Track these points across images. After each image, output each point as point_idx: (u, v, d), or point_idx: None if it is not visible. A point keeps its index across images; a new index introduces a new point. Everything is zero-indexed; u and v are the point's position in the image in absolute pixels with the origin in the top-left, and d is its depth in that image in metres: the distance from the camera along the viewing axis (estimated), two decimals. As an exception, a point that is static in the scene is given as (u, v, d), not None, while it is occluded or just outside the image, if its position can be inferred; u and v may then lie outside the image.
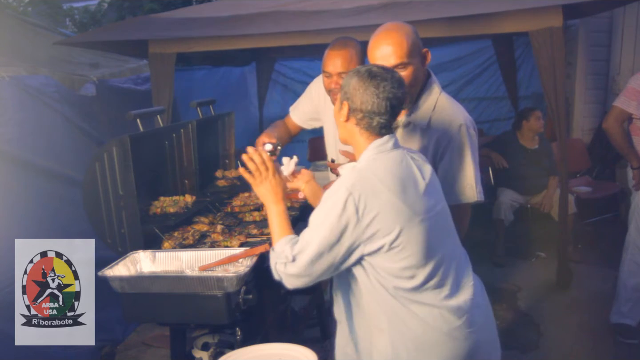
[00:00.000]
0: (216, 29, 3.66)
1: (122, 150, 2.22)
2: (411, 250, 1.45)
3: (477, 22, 3.39)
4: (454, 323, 1.51)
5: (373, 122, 1.49)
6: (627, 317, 3.20)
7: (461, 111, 1.79)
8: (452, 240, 1.59)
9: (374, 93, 1.46)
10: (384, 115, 1.47)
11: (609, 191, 4.96)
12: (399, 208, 1.43)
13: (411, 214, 1.44)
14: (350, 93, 1.49)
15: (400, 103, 1.50)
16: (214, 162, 3.34)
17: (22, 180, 2.94)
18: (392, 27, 1.74)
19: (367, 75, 1.48)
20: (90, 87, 3.82)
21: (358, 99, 1.47)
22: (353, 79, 1.49)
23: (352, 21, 3.36)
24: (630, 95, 2.98)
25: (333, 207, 1.43)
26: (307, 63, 6.42)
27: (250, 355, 1.79)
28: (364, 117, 1.49)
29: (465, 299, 1.55)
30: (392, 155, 1.51)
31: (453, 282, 1.54)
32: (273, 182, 1.64)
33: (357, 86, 1.48)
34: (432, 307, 1.50)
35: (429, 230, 1.47)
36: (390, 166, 1.48)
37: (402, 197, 1.44)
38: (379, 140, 1.51)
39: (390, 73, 1.49)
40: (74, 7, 8.38)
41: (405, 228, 1.43)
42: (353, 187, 1.43)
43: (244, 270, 1.92)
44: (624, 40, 5.50)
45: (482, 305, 1.62)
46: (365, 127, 1.50)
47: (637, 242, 3.13)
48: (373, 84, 1.46)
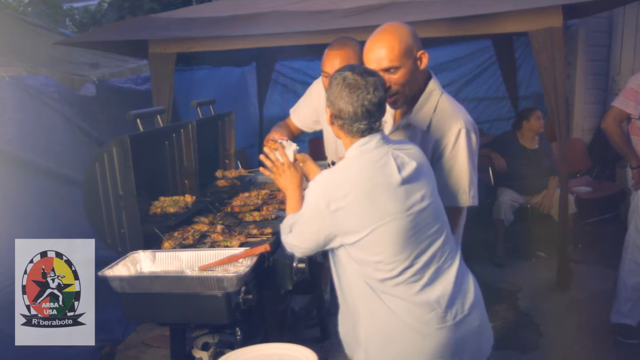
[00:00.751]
0: (216, 29, 3.66)
1: (122, 150, 2.22)
2: (382, 246, 1.52)
3: (477, 22, 3.39)
4: (422, 318, 1.54)
5: (353, 128, 1.56)
6: (627, 317, 3.20)
7: (462, 114, 1.78)
8: (437, 236, 1.59)
9: (349, 102, 1.53)
10: (362, 121, 1.54)
11: (609, 191, 4.96)
12: (366, 208, 1.50)
13: (381, 214, 1.50)
14: (330, 100, 1.58)
15: (379, 106, 1.55)
16: (214, 162, 3.34)
17: (22, 180, 2.94)
18: (387, 29, 1.74)
19: (343, 84, 1.54)
20: (90, 87, 3.82)
21: (337, 106, 1.56)
22: (332, 86, 1.57)
23: (352, 21, 3.36)
24: (628, 96, 2.98)
25: (308, 201, 1.59)
26: (307, 63, 6.42)
27: (250, 355, 1.80)
28: (344, 124, 1.57)
29: (440, 295, 1.56)
30: (371, 156, 1.56)
31: (429, 277, 1.56)
32: (288, 174, 1.85)
33: (336, 94, 1.55)
34: (401, 299, 1.55)
35: (404, 228, 1.52)
36: (363, 167, 1.54)
37: (371, 197, 1.50)
38: (362, 140, 1.57)
39: (366, 79, 1.53)
40: (74, 7, 8.38)
41: (375, 227, 1.50)
42: (325, 184, 1.56)
43: (244, 270, 1.92)
44: (624, 40, 5.50)
45: (466, 302, 1.61)
46: (347, 132, 1.59)
47: (637, 242, 3.13)
48: (347, 93, 1.53)
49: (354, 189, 1.51)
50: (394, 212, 1.51)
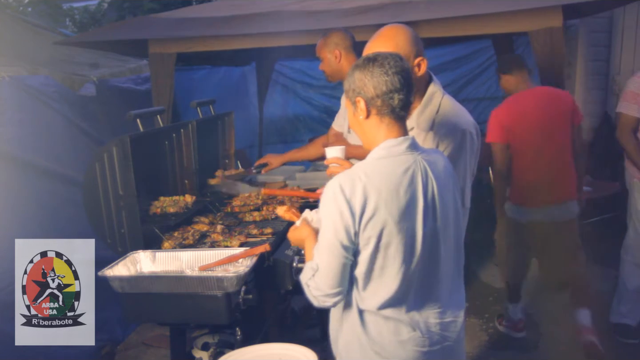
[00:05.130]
0: (216, 29, 3.66)
1: (122, 150, 2.22)
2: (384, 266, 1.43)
3: (477, 22, 3.39)
4: (389, 337, 1.48)
5: (394, 102, 1.43)
6: (627, 317, 3.20)
7: (464, 115, 1.77)
8: (442, 273, 1.51)
9: (382, 72, 1.42)
10: (401, 90, 1.43)
11: (609, 191, 4.96)
12: (385, 219, 1.39)
13: (396, 228, 1.40)
14: (359, 87, 1.46)
15: (409, 76, 1.45)
16: (214, 162, 3.34)
17: (22, 180, 2.94)
18: (388, 32, 1.73)
19: (367, 62, 1.46)
20: (90, 87, 3.82)
21: (370, 86, 1.44)
22: (354, 74, 1.47)
23: (352, 21, 3.35)
24: (629, 99, 2.97)
25: (326, 202, 1.44)
26: (307, 63, 6.41)
27: (250, 355, 1.80)
28: (383, 101, 1.44)
29: (423, 320, 1.50)
30: (399, 161, 1.44)
31: (413, 303, 1.48)
32: (297, 233, 1.66)
33: (362, 76, 1.45)
34: (371, 313, 1.48)
35: (409, 255, 1.43)
36: (389, 172, 1.42)
37: (390, 207, 1.39)
38: (392, 141, 1.46)
39: (387, 53, 1.47)
40: (74, 7, 8.39)
41: (386, 242, 1.40)
42: (343, 181, 1.41)
43: (244, 270, 1.92)
44: (624, 40, 5.50)
45: (434, 336, 1.52)
46: (388, 111, 1.45)
47: (636, 244, 3.13)
48: (377, 65, 1.43)
49: (375, 195, 1.39)
50: (408, 233, 1.42)
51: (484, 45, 6.22)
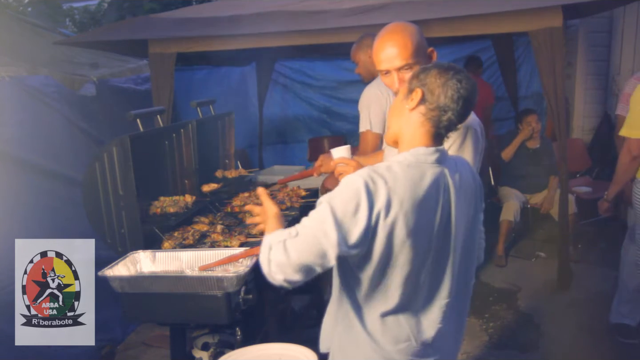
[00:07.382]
0: (216, 29, 3.66)
1: (122, 150, 2.22)
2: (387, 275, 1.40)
3: (477, 22, 3.39)
4: (380, 343, 1.45)
5: (443, 117, 1.38)
6: (627, 318, 3.20)
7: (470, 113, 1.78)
8: (446, 292, 1.47)
9: (455, 86, 1.37)
10: (455, 112, 1.37)
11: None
12: (400, 229, 1.32)
13: (408, 242, 1.34)
14: (428, 82, 1.39)
15: (470, 106, 1.40)
16: (214, 162, 3.34)
17: (22, 180, 2.94)
18: (396, 28, 1.72)
19: (450, 68, 1.40)
20: (90, 87, 3.82)
21: (436, 89, 1.38)
22: (434, 69, 1.41)
23: (352, 21, 3.36)
24: (626, 101, 2.98)
25: (346, 188, 1.32)
26: (307, 63, 6.41)
27: (250, 355, 1.80)
28: (435, 109, 1.38)
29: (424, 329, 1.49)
30: (425, 172, 1.37)
31: (414, 312, 1.46)
32: (265, 208, 1.55)
33: (437, 77, 1.39)
34: (371, 318, 1.46)
35: (416, 269, 1.39)
36: (414, 184, 1.34)
37: (409, 218, 1.32)
38: (423, 149, 1.39)
39: (469, 75, 1.42)
40: (74, 7, 8.40)
41: (397, 251, 1.35)
42: (367, 178, 1.31)
43: (244, 270, 1.92)
44: (624, 41, 5.50)
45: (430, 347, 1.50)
46: (433, 120, 1.39)
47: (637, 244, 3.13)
48: (455, 78, 1.38)
49: (397, 202, 1.32)
50: (418, 250, 1.38)
51: (484, 45, 6.22)
